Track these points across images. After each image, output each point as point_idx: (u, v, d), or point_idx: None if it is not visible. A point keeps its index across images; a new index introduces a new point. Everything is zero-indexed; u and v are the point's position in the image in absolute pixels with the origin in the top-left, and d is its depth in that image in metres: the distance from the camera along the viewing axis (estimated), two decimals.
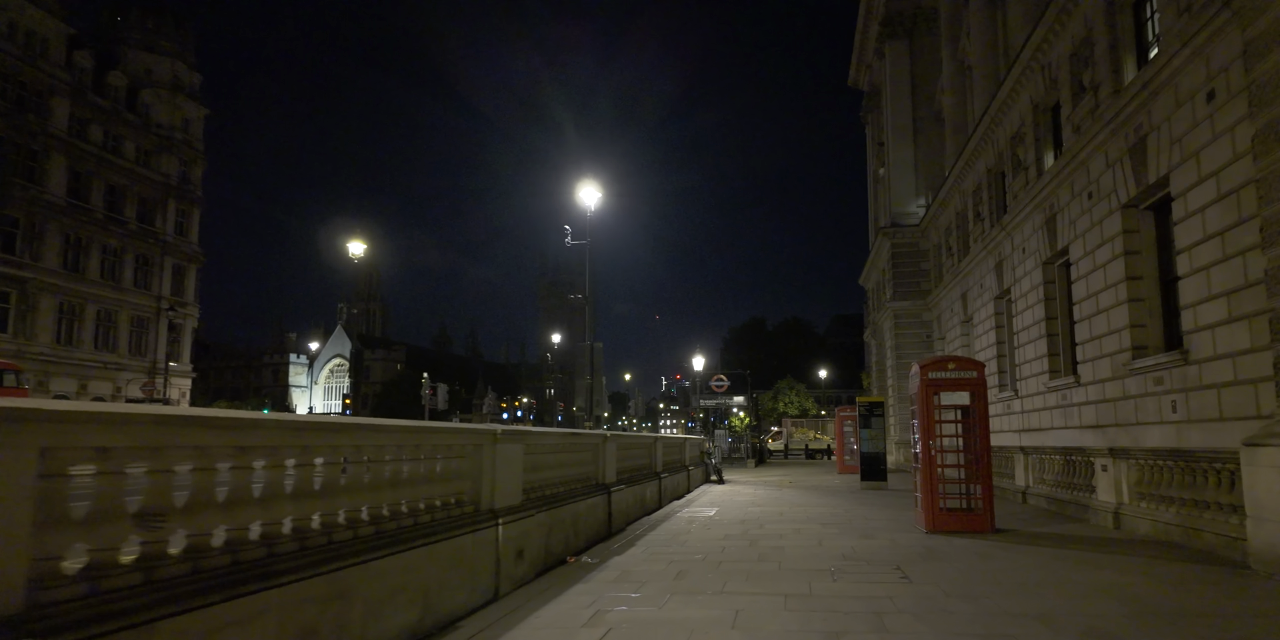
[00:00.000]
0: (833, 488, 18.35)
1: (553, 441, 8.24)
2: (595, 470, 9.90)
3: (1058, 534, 9.26)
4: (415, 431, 5.19)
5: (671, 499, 15.16)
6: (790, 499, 15.03)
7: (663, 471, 14.44)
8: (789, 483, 20.31)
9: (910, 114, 29.87)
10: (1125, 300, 12.17)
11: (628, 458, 11.97)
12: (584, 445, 9.44)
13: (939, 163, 28.95)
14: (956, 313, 24.43)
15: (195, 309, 48.19)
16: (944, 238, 26.26)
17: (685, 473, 17.32)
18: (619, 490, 10.45)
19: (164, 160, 45.02)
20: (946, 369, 9.52)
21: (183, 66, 47.03)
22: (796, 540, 9.01)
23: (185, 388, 47.02)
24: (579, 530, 8.57)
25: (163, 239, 44.65)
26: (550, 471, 8.13)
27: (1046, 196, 15.64)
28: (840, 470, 25.72)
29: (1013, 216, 17.80)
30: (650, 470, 13.66)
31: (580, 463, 9.33)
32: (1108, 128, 12.48)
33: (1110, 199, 12.66)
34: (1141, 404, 11.70)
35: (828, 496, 15.66)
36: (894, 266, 29.58)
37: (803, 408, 71.31)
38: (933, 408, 9.51)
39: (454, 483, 5.84)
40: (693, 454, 19.60)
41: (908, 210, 29.79)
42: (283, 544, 3.84)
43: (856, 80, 39.60)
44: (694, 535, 9.65)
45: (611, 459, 10.45)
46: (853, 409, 27.58)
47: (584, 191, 19.37)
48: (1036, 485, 12.66)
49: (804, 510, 12.66)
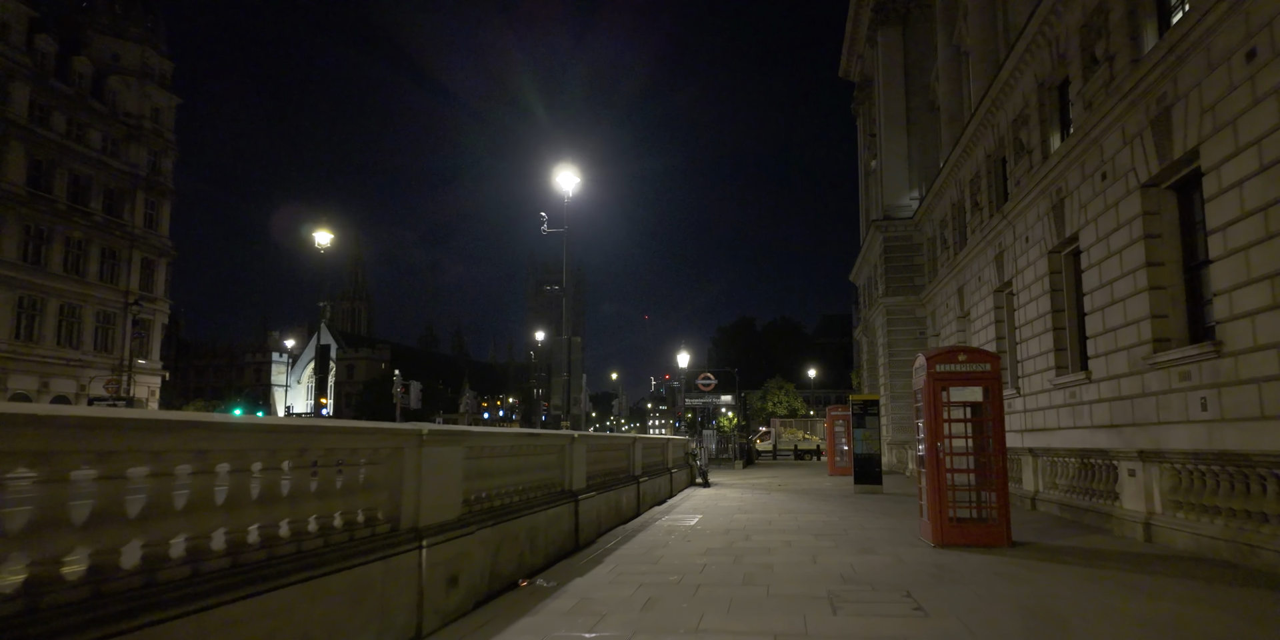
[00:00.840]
0: (824, 491, 17.27)
1: (505, 443, 7.07)
2: (560, 475, 8.74)
3: (1083, 548, 8.18)
4: (296, 433, 4.02)
5: (652, 504, 14.03)
6: (780, 504, 13.93)
7: (642, 475, 13.30)
8: (778, 486, 19.23)
9: (903, 103, 28.89)
10: (1145, 288, 11.14)
11: (601, 461, 10.82)
12: (546, 447, 8.28)
13: (933, 154, 27.97)
14: (952, 308, 23.44)
15: (166, 304, 46.61)
16: (939, 230, 25.27)
17: (668, 476, 16.19)
18: (588, 497, 9.30)
19: (132, 150, 43.42)
20: (956, 361, 8.43)
21: (152, 53, 45.42)
22: (787, 555, 7.89)
23: (154, 386, 45.43)
24: (538, 546, 7.41)
25: (131, 231, 43.05)
26: (502, 478, 6.97)
27: (1053, 180, 14.62)
28: (831, 472, 24.68)
29: (1015, 204, 16.79)
30: (627, 474, 12.51)
31: (542, 467, 8.16)
32: (1125, 100, 11.45)
33: (1128, 178, 11.63)
34: (1165, 401, 10.67)
35: (820, 502, 14.57)
36: (886, 261, 28.58)
37: (792, 407, 70.42)
38: (941, 405, 8.42)
39: (361, 496, 4.66)
40: (676, 456, 18.47)
41: (901, 203, 28.80)
42: (61, 591, 2.67)
43: (847, 71, 38.62)
44: (672, 549, 8.52)
45: (580, 462, 9.30)
46: (844, 408, 26.54)
47: (562, 176, 18.19)
48: (1047, 490, 11.62)
49: (795, 518, 11.56)
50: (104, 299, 41.12)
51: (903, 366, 27.81)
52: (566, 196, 18.43)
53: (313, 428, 4.19)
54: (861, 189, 37.55)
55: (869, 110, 34.49)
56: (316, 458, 4.27)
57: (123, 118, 43.12)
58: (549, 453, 8.41)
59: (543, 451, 8.15)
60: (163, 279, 45.92)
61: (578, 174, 18.46)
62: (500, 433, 7.13)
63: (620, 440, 12.26)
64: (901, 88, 28.92)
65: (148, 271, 44.61)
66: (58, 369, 38.19)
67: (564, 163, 18.34)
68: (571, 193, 18.47)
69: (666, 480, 16.00)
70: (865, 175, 36.09)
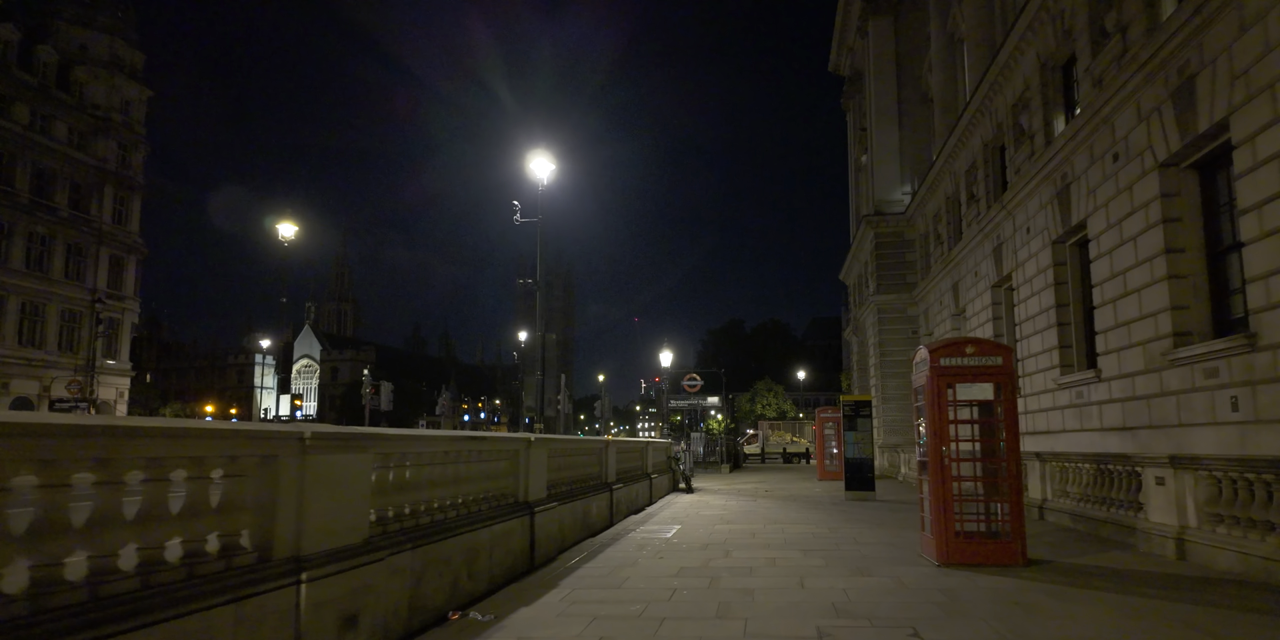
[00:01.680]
0: (813, 498, 16.25)
1: (438, 449, 5.98)
2: (513, 485, 7.65)
3: (1109, 568, 7.17)
4: (88, 437, 2.92)
5: (629, 513, 12.96)
6: (766, 513, 12.89)
7: (616, 482, 12.22)
8: (765, 492, 18.19)
9: (895, 95, 28.00)
10: (1164, 277, 10.18)
11: (566, 467, 9.74)
12: (495, 453, 7.19)
13: (926, 147, 27.09)
14: (947, 305, 22.51)
15: (136, 303, 45.12)
16: (932, 225, 24.36)
17: (646, 482, 15.11)
18: (547, 509, 8.21)
19: (100, 143, 41.97)
20: (963, 354, 7.41)
21: (122, 44, 44.00)
22: (771, 578, 6.84)
23: (123, 387, 43.92)
24: (479, 569, 6.32)
25: (98, 227, 41.56)
26: (433, 490, 5.88)
27: (1058, 165, 13.67)
28: (821, 476, 23.67)
29: (1015, 193, 15.85)
30: (599, 481, 11.43)
31: (489, 476, 7.08)
32: (1140, 73, 10.50)
33: (1143, 158, 10.67)
34: (1186, 401, 9.70)
35: (809, 510, 13.54)
36: (878, 258, 27.65)
37: (781, 410, 69.52)
38: (946, 404, 7.40)
39: (211, 519, 3.57)
40: (657, 460, 17.40)
41: (892, 198, 27.89)
42: None
43: (837, 65, 37.74)
44: (641, 569, 7.45)
45: (539, 469, 8.21)
46: (834, 410, 25.57)
47: (535, 163, 17.14)
48: (1057, 498, 10.62)
49: (781, 529, 10.51)
50: (69, 297, 39.62)
51: (895, 367, 26.88)
52: (541, 184, 17.40)
53: (122, 429, 3.09)
54: (851, 185, 36.67)
55: (859, 104, 33.60)
56: (136, 469, 3.18)
57: (90, 110, 41.68)
58: (498, 459, 7.33)
59: (490, 458, 7.06)
60: (132, 277, 44.42)
61: (553, 161, 17.43)
62: (432, 436, 6.04)
63: (589, 444, 11.17)
64: (893, 79, 28.03)
65: (116, 269, 43.12)
66: (19, 370, 36.67)
67: (538, 150, 17.29)
68: (546, 181, 17.44)
69: (645, 487, 14.93)
70: (855, 171, 35.20)
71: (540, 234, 17.28)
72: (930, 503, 7.47)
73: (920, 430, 8.02)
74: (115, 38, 43.63)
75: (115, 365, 43.24)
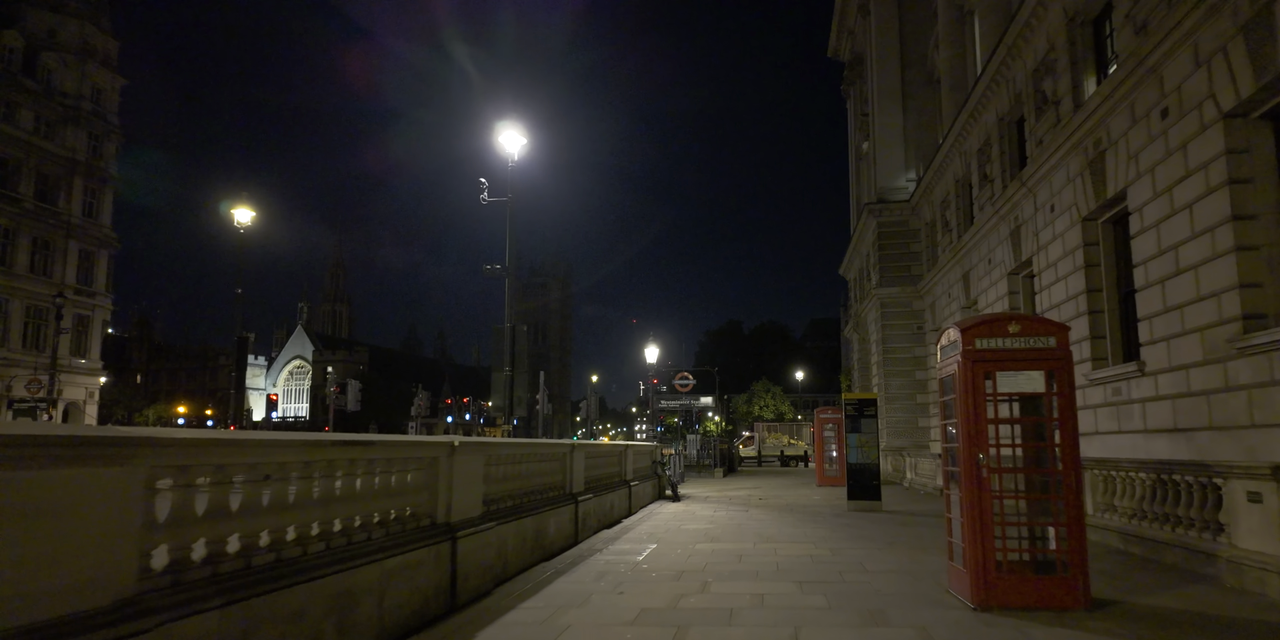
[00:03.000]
0: (812, 507, 14.58)
1: (290, 459, 4.27)
2: (429, 501, 5.97)
3: (1200, 614, 5.50)
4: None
5: (600, 528, 11.27)
6: (757, 527, 11.21)
7: (584, 493, 10.53)
8: (759, 500, 16.52)
9: (899, 77, 26.36)
10: (1229, 250, 8.53)
11: (513, 477, 8.04)
12: (396, 462, 5.49)
13: (931, 131, 25.47)
14: (956, 297, 20.87)
15: (107, 299, 43.37)
16: (939, 213, 22.71)
17: (625, 491, 13.42)
18: (479, 532, 6.51)
19: (69, 132, 40.27)
20: (1006, 334, 5.74)
21: (94, 30, 42.32)
22: (755, 629, 5.17)
23: (93, 387, 42.18)
24: (355, 623, 4.61)
25: (67, 220, 39.87)
26: (284, 516, 4.19)
27: (1090, 131, 12.03)
28: (820, 482, 22.00)
29: (1037, 167, 14.20)
30: (560, 492, 9.73)
31: (388, 492, 5.39)
32: (1201, 7, 8.85)
33: (1202, 110, 9.03)
34: (1261, 398, 8.04)
35: (806, 523, 11.86)
36: (880, 249, 25.99)
37: (779, 411, 67.85)
38: (983, 398, 5.72)
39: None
40: (640, 466, 15.72)
41: (896, 185, 26.24)
42: None
43: (837, 49, 36.11)
44: (589, 612, 5.77)
45: (468, 481, 6.52)
46: (834, 411, 23.90)
47: (505, 136, 15.47)
48: (1104, 514, 8.94)
49: (774, 551, 8.83)
50: (34, 292, 37.88)
51: (899, 364, 25.23)
52: (511, 159, 15.75)
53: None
54: (852, 175, 35.03)
55: (860, 89, 31.97)
56: None
57: (59, 97, 39.98)
58: (406, 469, 5.64)
59: (388, 468, 5.37)
60: (104, 272, 42.69)
61: (524, 135, 15.78)
62: (283, 440, 4.33)
63: (547, 449, 9.47)
64: (897, 59, 26.40)
65: (86, 264, 41.39)
66: None
67: (508, 122, 15.64)
68: (517, 156, 15.80)
69: (623, 496, 13.24)
70: (856, 160, 33.55)
71: (510, 214, 15.62)
72: (964, 525, 5.80)
73: (947, 432, 6.36)
74: (86, 23, 41.95)
75: (85, 364, 41.51)
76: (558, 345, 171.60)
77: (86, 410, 41.46)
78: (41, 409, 32.13)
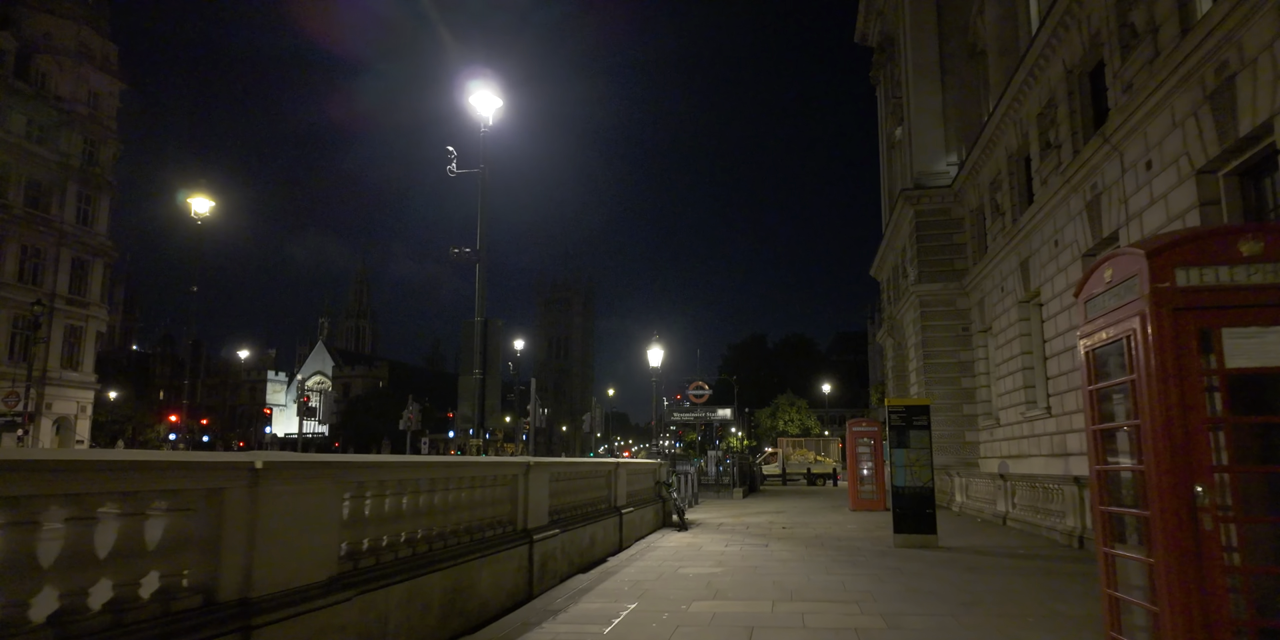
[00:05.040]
0: (849, 540, 11.76)
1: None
2: (207, 563, 3.37)
3: None
4: None
5: (574, 570, 8.61)
6: (779, 573, 8.48)
7: (546, 528, 7.84)
8: (782, 529, 13.73)
9: (936, 50, 23.67)
10: None
11: (412, 515, 5.38)
12: (147, 497, 2.92)
13: (974, 108, 22.71)
14: (1011, 291, 17.98)
15: (102, 310, 41.84)
16: (988, 195, 19.89)
17: (614, 520, 10.72)
18: (315, 609, 3.88)
19: (64, 137, 38.96)
20: (1238, 258, 3.04)
21: (91, 33, 41.18)
22: None
23: (86, 402, 40.47)
24: None
25: (60, 228, 38.41)
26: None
27: (1210, 52, 9.26)
28: (853, 506, 19.13)
29: (1126, 116, 11.42)
30: (505, 530, 7.05)
31: (129, 553, 2.81)
32: None
33: None
34: None
35: (844, 566, 9.09)
36: (919, 241, 23.16)
37: (805, 426, 64.53)
38: (1197, 378, 3.02)
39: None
40: (638, 488, 12.99)
41: (935, 169, 23.45)
42: None
43: (864, 33, 33.51)
44: None
45: (297, 522, 3.91)
46: (869, 423, 21.02)
47: (476, 97, 13.08)
48: None
49: (800, 619, 6.11)
50: (23, 302, 36.19)
51: (942, 370, 22.29)
52: (485, 124, 13.39)
53: None
54: (883, 168, 32.24)
55: (891, 72, 29.30)
56: None
57: (53, 102, 38.73)
58: (160, 512, 3.06)
59: (137, 506, 2.79)
60: (99, 282, 41.18)
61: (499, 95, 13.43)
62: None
63: (490, 469, 6.79)
64: (934, 31, 23.72)
65: (80, 273, 39.88)
66: None
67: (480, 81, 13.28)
68: (491, 120, 13.46)
69: (611, 527, 10.53)
70: (888, 150, 30.79)
71: (483, 186, 13.17)
72: (1165, 602, 3.06)
73: (1105, 441, 3.64)
74: (84, 26, 40.81)
75: (77, 377, 39.86)
76: (579, 360, 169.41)
77: (78, 425, 39.73)
78: (18, 424, 30.24)
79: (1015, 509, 13.70)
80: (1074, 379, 14.02)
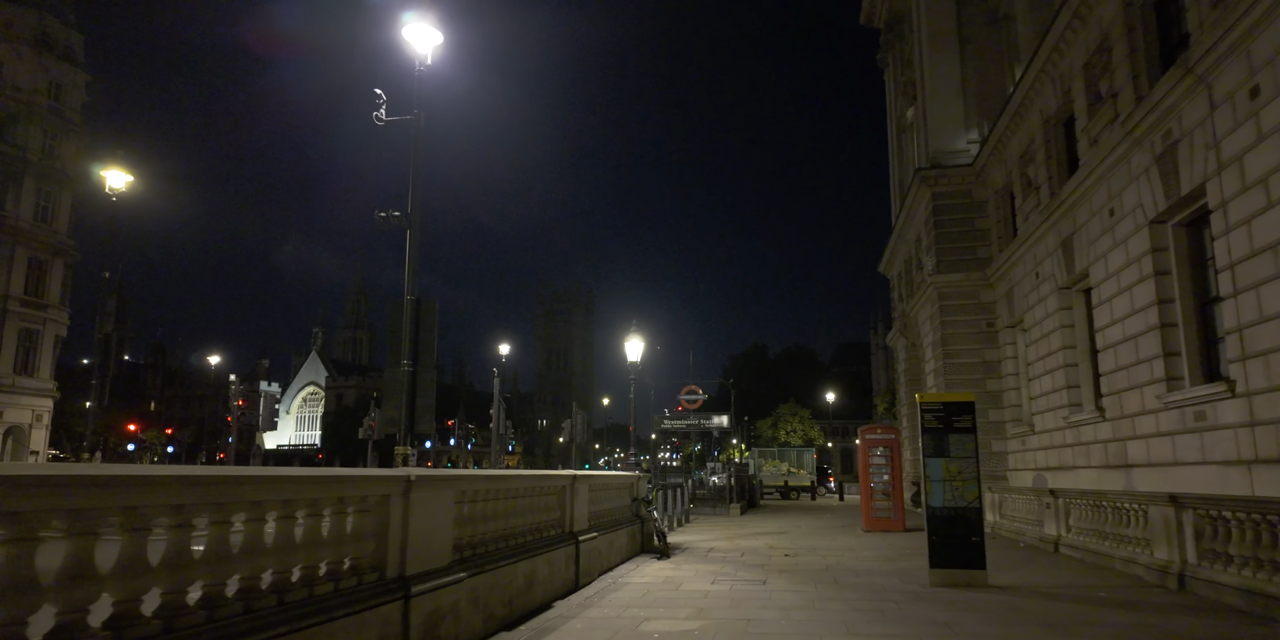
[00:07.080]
0: (868, 575, 9.20)
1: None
2: None
3: None
4: None
5: (495, 628, 6.09)
6: (779, 631, 5.98)
7: (441, 574, 5.36)
8: (784, 557, 11.18)
9: (954, 17, 21.41)
10: None
11: (125, 573, 2.96)
12: None
13: (997, 80, 20.41)
14: (1049, 276, 15.53)
15: (62, 312, 39.36)
16: (1018, 170, 17.49)
17: (569, 549, 8.16)
18: None
19: (20, 129, 36.75)
20: None
21: (54, 22, 39.08)
22: None
23: (44, 410, 37.97)
24: None
25: (14, 225, 36.11)
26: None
27: None
28: (866, 525, 16.63)
29: (1217, 35, 9.02)
30: (373, 583, 4.58)
31: None
32: None
33: None
34: None
35: (873, 621, 6.55)
36: (937, 227, 20.75)
37: (807, 436, 61.89)
38: None
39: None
40: (605, 506, 10.41)
41: (954, 147, 21.10)
42: None
43: (871, 13, 31.30)
44: None
45: None
46: (885, 430, 18.46)
47: (410, 29, 10.73)
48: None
49: None
50: None
51: (963, 371, 19.78)
52: (423, 63, 11.09)
53: None
54: (892, 157, 29.92)
55: (901, 51, 27.06)
56: None
57: (10, 92, 36.59)
58: None
59: None
60: (58, 283, 38.75)
61: (438, 29, 11.11)
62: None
63: (295, 483, 4.30)
64: None
65: (36, 273, 37.50)
66: None
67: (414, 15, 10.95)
68: (430, 58, 11.17)
69: (562, 560, 7.97)
70: (897, 134, 28.48)
71: (416, 136, 10.76)
72: None
73: None
74: (45, 14, 38.72)
75: (33, 384, 37.39)
76: (580, 372, 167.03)
77: (33, 436, 37.23)
78: None
79: (1070, 533, 11.16)
80: (1137, 374, 11.53)
